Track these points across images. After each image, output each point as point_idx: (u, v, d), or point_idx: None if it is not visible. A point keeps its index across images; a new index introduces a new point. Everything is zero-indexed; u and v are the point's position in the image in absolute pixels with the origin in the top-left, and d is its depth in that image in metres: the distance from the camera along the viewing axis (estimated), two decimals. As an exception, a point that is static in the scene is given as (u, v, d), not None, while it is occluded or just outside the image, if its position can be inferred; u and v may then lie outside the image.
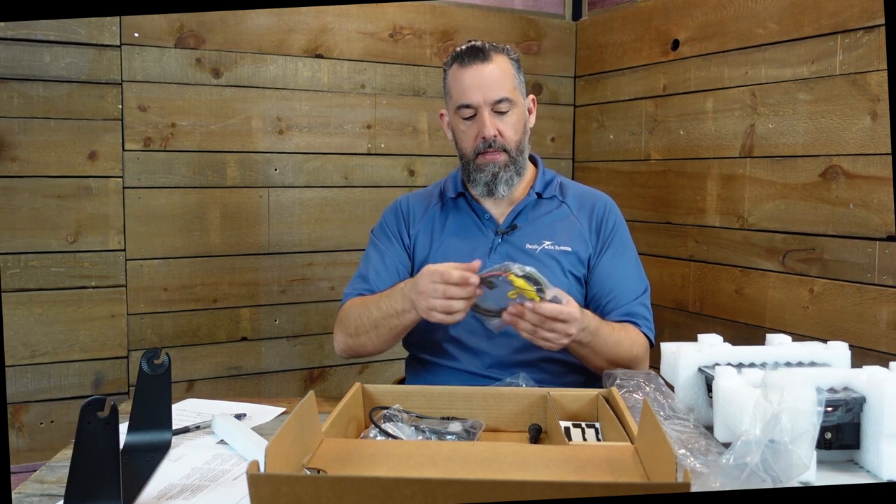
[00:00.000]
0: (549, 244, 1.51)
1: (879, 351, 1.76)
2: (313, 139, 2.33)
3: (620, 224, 1.58)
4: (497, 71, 1.48)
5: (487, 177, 1.50)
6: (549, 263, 1.50)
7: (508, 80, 1.49)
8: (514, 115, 1.50)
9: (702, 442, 1.09)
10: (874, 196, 1.79)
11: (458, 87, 1.50)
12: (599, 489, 0.76)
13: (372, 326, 1.45)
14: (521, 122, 1.52)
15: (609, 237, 1.55)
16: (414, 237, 1.59)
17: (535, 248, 1.51)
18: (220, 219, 2.22)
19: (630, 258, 1.57)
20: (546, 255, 1.51)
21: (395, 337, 1.47)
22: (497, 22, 2.58)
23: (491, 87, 1.47)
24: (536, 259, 1.50)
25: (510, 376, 1.40)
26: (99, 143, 2.06)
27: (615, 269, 1.53)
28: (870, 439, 1.02)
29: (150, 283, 2.14)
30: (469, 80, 1.48)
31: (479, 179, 1.51)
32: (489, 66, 1.48)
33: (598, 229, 1.55)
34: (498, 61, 1.49)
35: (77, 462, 0.89)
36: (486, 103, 1.47)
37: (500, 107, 1.48)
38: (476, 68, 1.47)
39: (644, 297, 1.54)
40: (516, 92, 1.51)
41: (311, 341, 2.35)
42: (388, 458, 0.94)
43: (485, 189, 1.51)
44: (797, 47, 1.95)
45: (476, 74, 1.47)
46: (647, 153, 2.43)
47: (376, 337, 1.46)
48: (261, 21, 2.23)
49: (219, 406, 1.38)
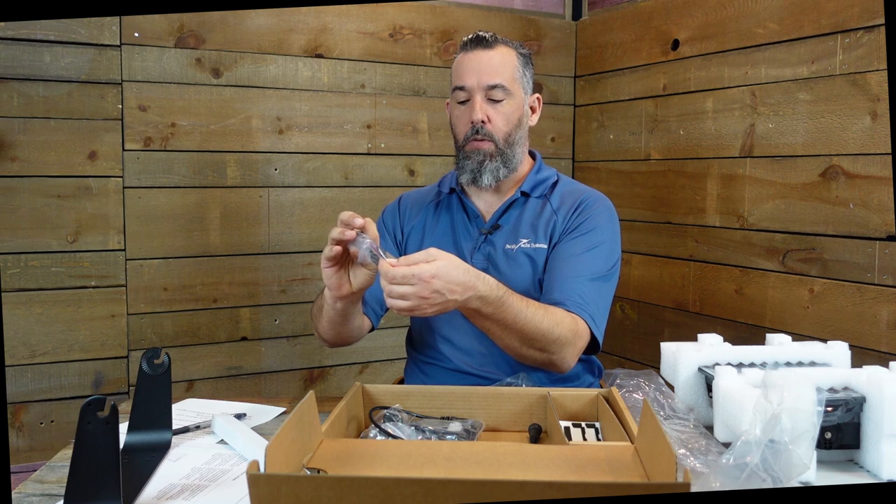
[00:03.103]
0: (525, 242, 1.49)
1: (879, 351, 1.76)
2: (313, 139, 2.33)
3: (598, 216, 1.49)
4: (497, 58, 1.48)
5: (473, 164, 1.48)
6: (523, 262, 1.47)
7: (508, 70, 1.48)
8: (509, 105, 1.49)
9: (702, 442, 1.10)
10: (874, 196, 1.79)
11: (457, 71, 1.51)
12: (599, 489, 0.76)
13: (318, 308, 1.45)
14: (516, 115, 1.50)
15: (575, 223, 1.48)
16: (407, 234, 1.60)
17: (512, 248, 1.49)
18: (220, 219, 2.22)
19: (585, 246, 1.45)
20: (522, 253, 1.48)
21: (331, 320, 1.40)
22: (497, 22, 2.58)
23: (487, 72, 1.46)
24: (513, 259, 1.48)
25: (504, 374, 1.40)
26: (99, 143, 2.06)
27: (563, 251, 1.45)
28: (870, 439, 1.02)
29: (150, 282, 2.14)
30: (468, 63, 1.48)
31: (465, 167, 1.50)
32: (490, 53, 1.48)
33: (569, 217, 1.49)
34: (501, 51, 1.49)
35: (77, 462, 0.89)
36: (480, 87, 1.47)
37: (494, 94, 1.47)
38: (477, 53, 1.48)
39: (587, 283, 1.40)
40: (516, 84, 1.50)
41: (311, 341, 2.35)
42: (388, 458, 0.94)
43: (470, 177, 1.50)
44: (797, 47, 1.95)
45: (475, 58, 1.48)
46: (647, 153, 2.43)
47: (325, 319, 1.42)
48: (261, 21, 2.23)
49: (219, 406, 1.38)
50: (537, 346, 1.32)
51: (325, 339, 1.49)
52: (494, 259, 1.48)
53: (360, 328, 1.49)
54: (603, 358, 1.59)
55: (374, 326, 1.55)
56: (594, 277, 1.42)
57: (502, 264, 1.47)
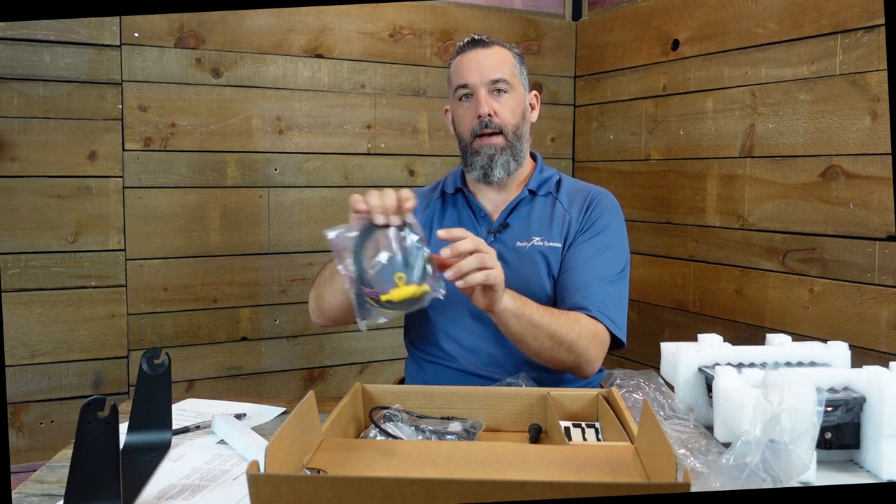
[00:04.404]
0: (538, 240, 1.49)
1: (879, 351, 1.76)
2: (313, 139, 2.33)
3: (608, 214, 1.50)
4: (495, 55, 1.51)
5: (483, 160, 1.49)
6: (538, 260, 1.47)
7: (507, 66, 1.51)
8: (513, 98, 1.51)
9: (702, 442, 1.10)
10: (874, 196, 1.79)
11: (457, 72, 1.53)
12: (599, 489, 0.76)
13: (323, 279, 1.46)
14: (520, 108, 1.53)
15: (587, 223, 1.49)
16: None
17: (524, 246, 1.49)
18: (220, 219, 2.22)
19: (598, 247, 1.47)
20: (535, 251, 1.48)
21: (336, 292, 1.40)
22: (497, 22, 2.58)
23: (488, 68, 1.49)
24: (526, 256, 1.48)
25: (508, 375, 1.40)
26: (99, 143, 2.06)
27: (578, 254, 1.46)
28: (870, 439, 1.02)
29: (150, 282, 2.14)
30: (467, 63, 1.51)
31: (475, 163, 1.50)
32: (488, 51, 1.51)
33: (582, 216, 1.50)
34: (497, 50, 1.52)
35: (77, 462, 0.89)
36: (483, 83, 1.49)
37: (498, 86, 1.49)
38: (475, 52, 1.51)
39: (605, 286, 1.42)
40: (515, 79, 1.52)
41: (311, 341, 2.35)
42: (388, 458, 0.94)
43: (481, 173, 1.50)
44: (797, 47, 1.95)
45: (474, 57, 1.51)
46: (647, 153, 2.43)
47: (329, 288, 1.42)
48: (261, 21, 2.23)
49: (219, 406, 1.38)
50: (566, 347, 1.32)
51: (325, 312, 1.47)
52: (505, 257, 1.48)
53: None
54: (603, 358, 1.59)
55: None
56: (610, 280, 1.45)
57: (514, 262, 1.47)
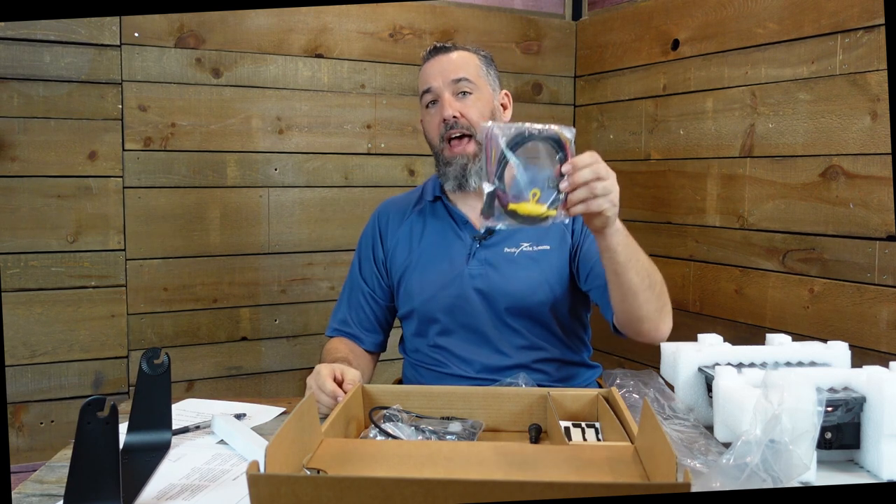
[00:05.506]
0: (527, 246, 1.48)
1: (879, 351, 1.76)
2: (313, 139, 2.33)
3: None
4: (458, 58, 1.51)
5: (456, 170, 1.47)
6: (529, 265, 1.46)
7: (471, 67, 1.50)
8: (479, 99, 1.49)
9: (702, 442, 1.10)
10: (874, 196, 1.79)
11: (421, 78, 1.53)
12: (599, 489, 0.76)
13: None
14: (488, 108, 1.50)
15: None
16: (391, 248, 1.57)
17: (513, 252, 1.48)
18: (220, 219, 2.22)
19: None
20: (525, 256, 1.47)
21: None
22: (497, 22, 2.58)
23: (450, 70, 1.49)
24: (514, 262, 1.47)
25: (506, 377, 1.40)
26: (99, 143, 2.06)
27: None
28: (870, 439, 1.02)
29: (150, 282, 2.14)
30: (430, 68, 1.51)
31: (448, 173, 1.49)
32: (450, 55, 1.51)
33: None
34: (460, 53, 1.52)
35: (77, 462, 0.89)
36: (446, 84, 1.48)
37: (461, 86, 1.48)
38: (438, 58, 1.51)
39: None
40: (481, 80, 1.51)
41: (311, 341, 2.35)
42: (388, 458, 0.94)
43: (455, 183, 1.48)
44: (797, 47, 1.95)
45: (437, 63, 1.51)
46: (647, 153, 2.43)
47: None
48: (261, 21, 2.23)
49: (219, 406, 1.38)
50: (657, 291, 1.32)
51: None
52: (493, 262, 1.47)
53: (368, 369, 1.57)
54: (603, 358, 1.59)
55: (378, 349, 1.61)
56: None
57: (503, 266, 1.47)
